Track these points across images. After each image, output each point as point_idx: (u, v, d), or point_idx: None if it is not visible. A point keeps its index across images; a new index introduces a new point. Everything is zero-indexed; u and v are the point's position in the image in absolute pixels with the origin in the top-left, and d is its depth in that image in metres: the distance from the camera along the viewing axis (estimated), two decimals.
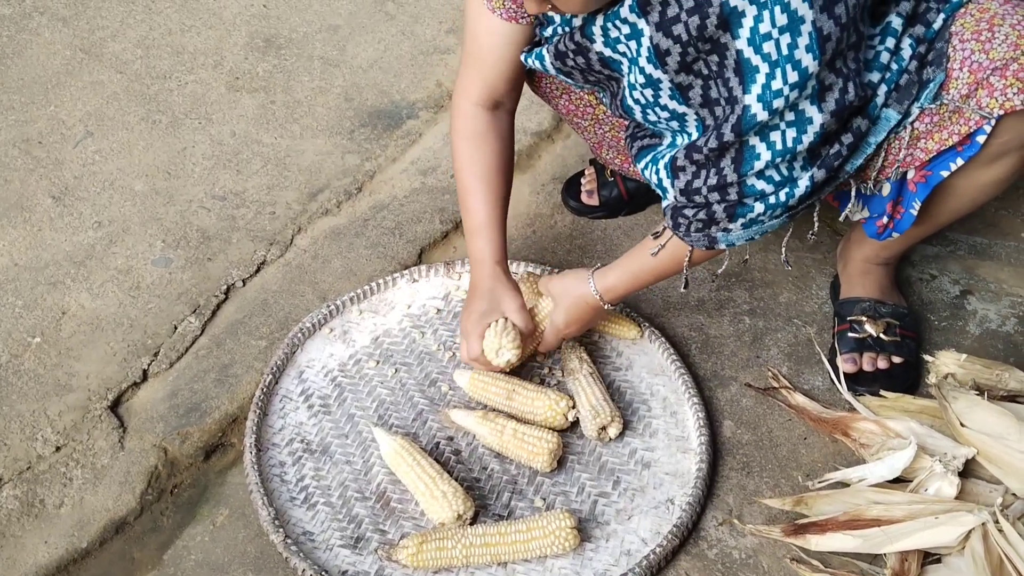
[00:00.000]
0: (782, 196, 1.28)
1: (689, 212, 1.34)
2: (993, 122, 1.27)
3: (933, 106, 1.30)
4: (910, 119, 1.31)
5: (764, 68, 1.16)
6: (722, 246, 1.36)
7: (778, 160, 1.24)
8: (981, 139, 1.30)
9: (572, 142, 2.18)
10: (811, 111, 1.21)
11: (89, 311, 1.75)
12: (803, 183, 1.27)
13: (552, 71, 1.41)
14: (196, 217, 1.96)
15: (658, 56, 1.22)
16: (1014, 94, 1.24)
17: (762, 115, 1.19)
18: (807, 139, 1.22)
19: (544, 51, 1.40)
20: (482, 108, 1.53)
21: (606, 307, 1.53)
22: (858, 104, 1.25)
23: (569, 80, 1.43)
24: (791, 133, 1.22)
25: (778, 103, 1.18)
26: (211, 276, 1.83)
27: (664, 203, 1.39)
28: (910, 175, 1.38)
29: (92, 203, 1.99)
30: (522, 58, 1.45)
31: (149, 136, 2.17)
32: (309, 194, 2.03)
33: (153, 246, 1.89)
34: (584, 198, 1.98)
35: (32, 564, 1.38)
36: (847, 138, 1.27)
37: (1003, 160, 1.35)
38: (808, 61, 1.15)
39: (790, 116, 1.21)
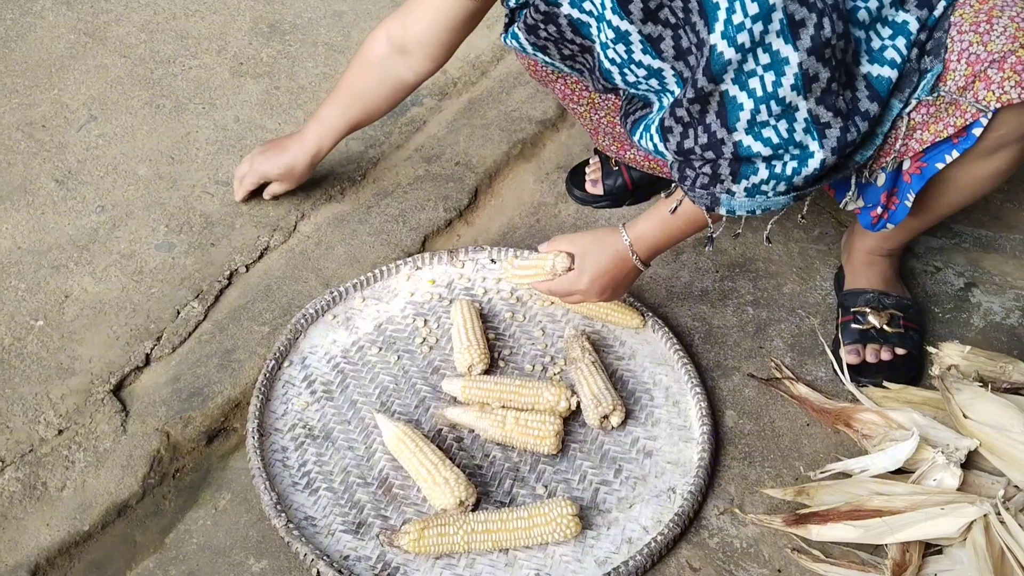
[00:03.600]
0: (788, 169, 1.26)
1: (696, 164, 1.32)
2: (990, 115, 1.27)
3: (930, 98, 1.29)
4: (908, 109, 1.31)
5: (724, 3, 1.15)
6: (723, 210, 1.34)
7: (762, 107, 1.22)
8: (977, 132, 1.29)
9: (577, 131, 2.18)
10: (786, 50, 1.18)
11: (92, 295, 1.75)
12: (812, 163, 1.25)
13: (529, 49, 1.41)
14: (199, 202, 1.96)
15: (621, 5, 1.21)
16: (1011, 87, 1.24)
17: (728, 52, 1.17)
18: (787, 81, 1.20)
19: (517, 28, 1.40)
20: (389, 44, 1.62)
21: (636, 262, 1.49)
22: (842, 45, 1.22)
23: (546, 58, 1.43)
24: (770, 77, 1.20)
25: (742, 38, 1.16)
26: (214, 261, 1.83)
27: (670, 161, 1.39)
28: (906, 166, 1.37)
29: (95, 187, 1.99)
30: (501, 39, 1.46)
31: (153, 121, 2.16)
32: (313, 180, 2.02)
33: (156, 231, 1.89)
34: (588, 187, 1.97)
35: (34, 546, 1.38)
36: (862, 124, 1.26)
37: (1001, 153, 1.34)
38: None
39: (765, 59, 1.19)
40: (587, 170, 1.98)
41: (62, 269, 1.80)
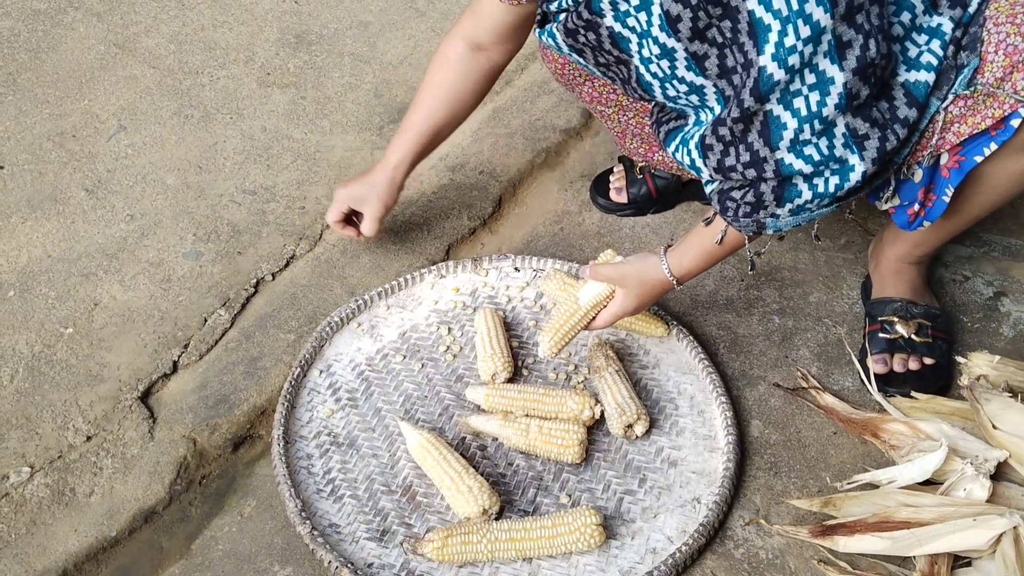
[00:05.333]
0: (831, 186, 1.26)
1: (736, 195, 1.33)
2: None
3: (967, 92, 1.28)
4: (944, 104, 1.30)
5: (776, 25, 1.15)
6: (769, 232, 1.35)
7: (805, 127, 1.22)
8: (1015, 123, 1.28)
9: (601, 139, 2.18)
10: (832, 71, 1.19)
11: (121, 303, 1.77)
12: (854, 176, 1.25)
13: (565, 49, 1.42)
14: (227, 211, 1.98)
15: (670, 23, 1.22)
16: None
17: (778, 74, 1.17)
18: (831, 101, 1.20)
19: (554, 28, 1.40)
20: (463, 43, 1.62)
21: (672, 282, 1.50)
22: (884, 63, 1.23)
23: (581, 60, 1.43)
24: (814, 97, 1.20)
25: (793, 60, 1.16)
26: (241, 270, 1.84)
27: (709, 188, 1.38)
28: (943, 160, 1.36)
29: (124, 196, 2.01)
30: (536, 34, 1.46)
31: (181, 130, 2.19)
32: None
33: (184, 239, 1.91)
34: (613, 195, 1.97)
35: (62, 552, 1.40)
36: (901, 131, 1.26)
37: None
38: (819, 14, 1.14)
39: (811, 78, 1.19)
40: (611, 178, 1.98)
41: (91, 277, 1.82)
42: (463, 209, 1.98)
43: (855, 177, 1.26)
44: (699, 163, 1.35)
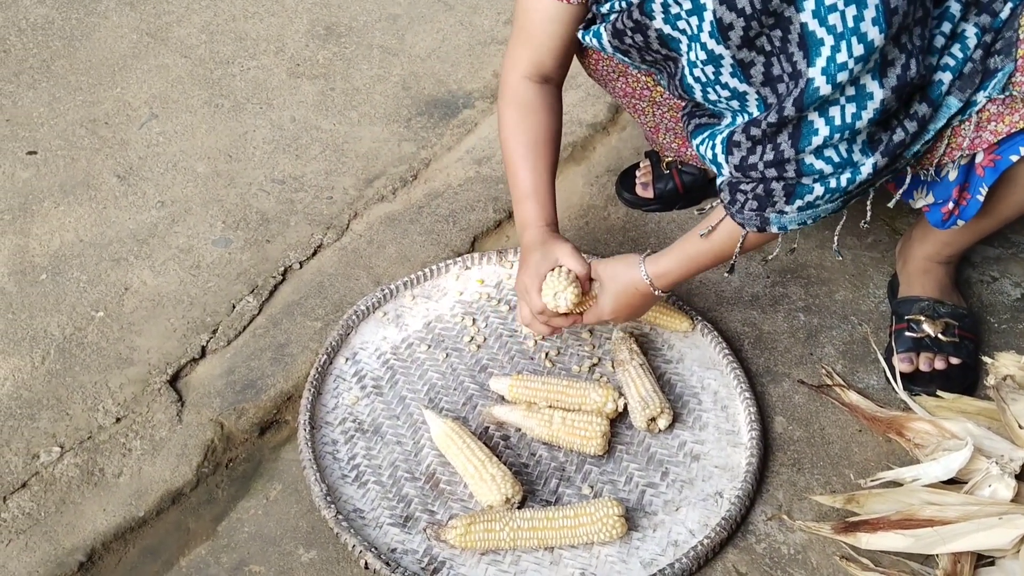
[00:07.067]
0: (843, 180, 1.26)
1: (746, 187, 1.32)
2: None
3: (1002, 96, 1.28)
4: (976, 107, 1.29)
5: (829, 41, 1.15)
6: (774, 229, 1.34)
7: (836, 136, 1.22)
8: None
9: (627, 134, 2.18)
10: (872, 86, 1.19)
11: (151, 288, 1.80)
12: (865, 169, 1.25)
13: (609, 49, 1.41)
14: (256, 200, 2.00)
15: (720, 31, 1.21)
16: None
17: (825, 89, 1.17)
18: (867, 115, 1.20)
19: (601, 28, 1.40)
20: (529, 81, 1.55)
21: (656, 293, 1.49)
22: (919, 82, 1.23)
23: (626, 59, 1.43)
24: (851, 108, 1.20)
25: (842, 76, 1.16)
26: (269, 258, 1.86)
27: (719, 180, 1.38)
28: (978, 159, 1.36)
29: (156, 183, 2.03)
30: (579, 35, 1.45)
31: (212, 119, 2.21)
32: (366, 180, 2.06)
33: (214, 227, 1.93)
34: (639, 190, 1.97)
35: (91, 531, 1.42)
36: (911, 125, 1.26)
37: None
38: (874, 34, 1.14)
39: (851, 91, 1.19)
40: (637, 173, 1.98)
41: (122, 262, 1.85)
42: (489, 201, 1.99)
43: (866, 171, 1.26)
44: (721, 159, 1.35)
